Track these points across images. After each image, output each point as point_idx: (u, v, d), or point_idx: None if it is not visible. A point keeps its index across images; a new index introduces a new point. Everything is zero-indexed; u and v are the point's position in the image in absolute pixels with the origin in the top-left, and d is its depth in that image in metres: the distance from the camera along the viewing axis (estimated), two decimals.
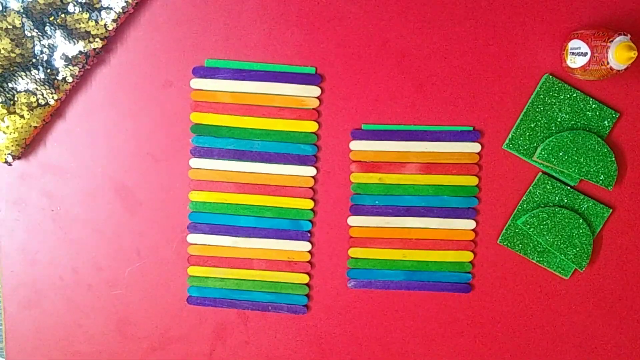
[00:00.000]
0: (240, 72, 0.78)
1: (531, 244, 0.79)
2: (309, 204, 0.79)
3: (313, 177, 0.79)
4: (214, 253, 0.80)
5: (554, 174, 0.79)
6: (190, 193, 0.80)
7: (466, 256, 0.80)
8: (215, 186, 0.80)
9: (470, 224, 0.80)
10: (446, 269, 0.80)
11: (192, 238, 0.80)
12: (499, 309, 0.81)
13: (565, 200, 0.79)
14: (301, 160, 0.79)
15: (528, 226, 0.78)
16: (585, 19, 0.77)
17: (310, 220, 0.80)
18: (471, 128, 0.79)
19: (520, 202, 0.79)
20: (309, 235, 0.80)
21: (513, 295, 0.80)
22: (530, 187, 0.79)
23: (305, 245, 0.80)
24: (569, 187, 0.79)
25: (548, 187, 0.79)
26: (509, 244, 0.80)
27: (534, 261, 0.80)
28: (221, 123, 0.79)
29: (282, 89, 0.78)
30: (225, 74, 0.78)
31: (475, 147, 0.79)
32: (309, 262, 0.80)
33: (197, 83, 0.78)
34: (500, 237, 0.80)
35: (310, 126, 0.78)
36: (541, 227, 0.78)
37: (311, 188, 0.79)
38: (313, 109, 0.78)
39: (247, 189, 0.79)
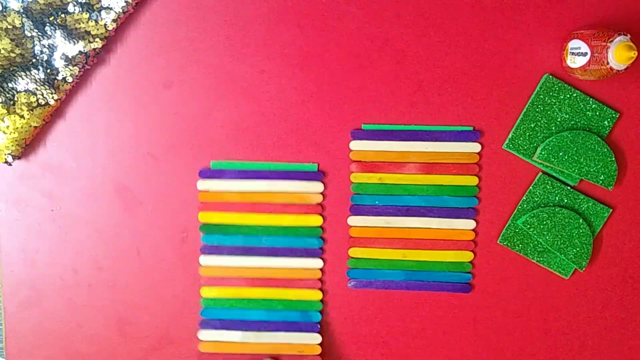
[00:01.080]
0: (245, 172, 0.79)
1: (531, 244, 0.79)
2: (318, 295, 0.80)
3: (320, 269, 0.80)
4: (225, 350, 0.81)
5: (554, 174, 0.79)
6: (201, 289, 0.80)
7: (466, 256, 0.80)
8: (226, 282, 0.81)
9: (470, 224, 0.80)
10: (446, 269, 0.80)
11: (204, 335, 0.81)
12: (499, 309, 0.81)
13: (565, 200, 0.79)
14: (308, 253, 0.80)
15: (528, 226, 0.78)
16: (585, 19, 0.77)
17: (319, 311, 0.80)
18: (471, 128, 0.79)
19: (520, 202, 0.79)
20: (319, 327, 0.80)
21: (513, 295, 0.80)
22: (530, 187, 0.79)
23: (315, 338, 0.80)
24: (569, 187, 0.79)
25: (548, 187, 0.78)
26: (509, 244, 0.80)
27: (534, 261, 0.80)
28: (229, 221, 0.80)
29: (286, 186, 0.79)
30: (230, 175, 0.79)
31: (475, 147, 0.79)
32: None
33: (204, 184, 0.79)
34: (500, 237, 0.80)
35: (315, 220, 0.79)
36: (541, 227, 0.78)
37: (319, 279, 0.80)
38: (317, 203, 0.79)
39: (257, 283, 0.81)
